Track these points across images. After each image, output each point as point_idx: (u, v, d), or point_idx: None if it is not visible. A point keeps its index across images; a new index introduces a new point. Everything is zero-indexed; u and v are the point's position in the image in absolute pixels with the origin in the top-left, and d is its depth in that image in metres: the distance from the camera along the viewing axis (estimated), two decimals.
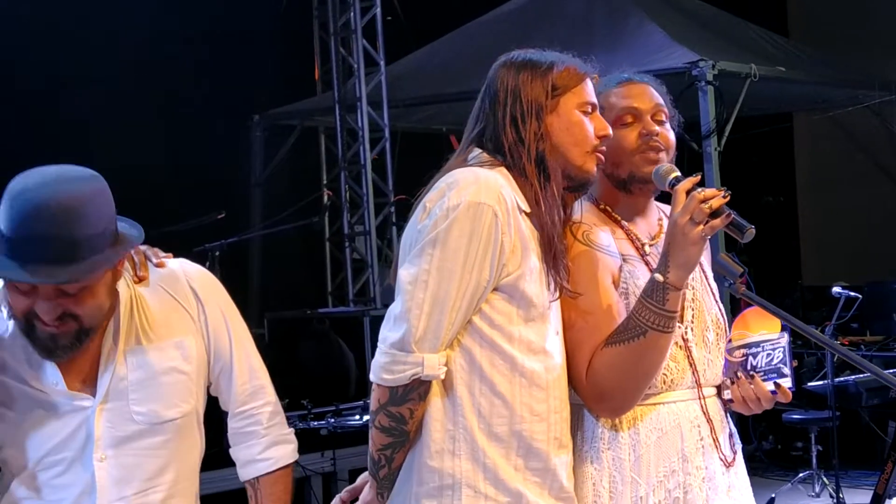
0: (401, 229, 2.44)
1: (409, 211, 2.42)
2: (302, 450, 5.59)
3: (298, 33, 9.51)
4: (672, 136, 2.57)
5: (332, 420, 5.82)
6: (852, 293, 6.80)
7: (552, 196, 2.37)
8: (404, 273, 2.30)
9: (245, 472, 2.47)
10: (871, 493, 5.38)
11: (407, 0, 9.26)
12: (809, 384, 6.80)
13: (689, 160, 7.36)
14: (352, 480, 2.56)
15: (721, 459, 2.51)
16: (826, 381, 6.58)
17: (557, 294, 2.38)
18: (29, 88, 7.52)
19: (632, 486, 2.42)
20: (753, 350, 2.53)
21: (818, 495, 6.89)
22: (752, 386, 2.50)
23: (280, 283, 9.14)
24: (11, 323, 2.26)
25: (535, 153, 2.37)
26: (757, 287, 7.92)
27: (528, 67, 2.41)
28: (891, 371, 7.13)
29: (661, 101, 2.58)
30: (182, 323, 2.35)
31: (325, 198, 9.35)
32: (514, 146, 2.38)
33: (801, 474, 7.17)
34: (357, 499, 2.49)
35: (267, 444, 2.45)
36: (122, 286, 2.29)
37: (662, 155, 2.53)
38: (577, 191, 2.47)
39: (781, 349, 2.51)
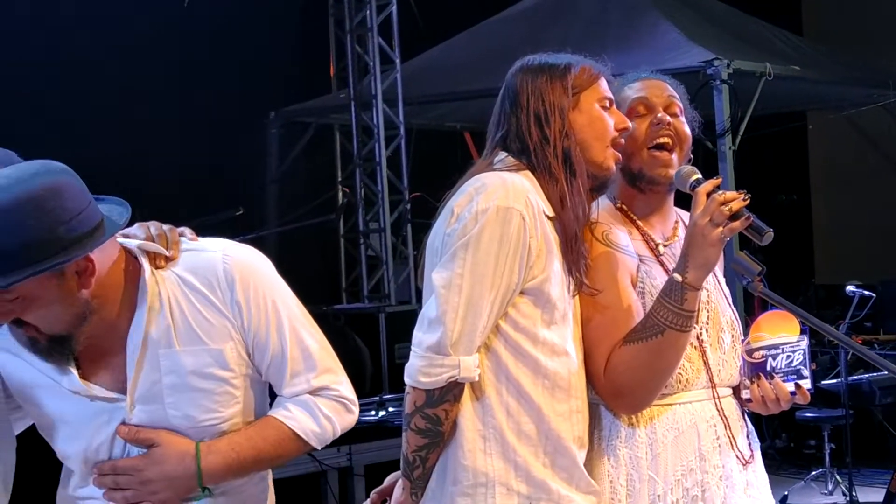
0: (415, 226, 2.47)
1: (423, 208, 2.46)
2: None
3: (314, 31, 9.52)
4: (687, 129, 2.60)
5: None
6: (866, 292, 6.81)
7: (578, 192, 2.41)
8: (437, 277, 2.34)
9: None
10: (885, 491, 5.40)
11: None
12: (823, 382, 6.81)
13: (703, 159, 7.39)
14: (367, 475, 2.56)
15: (738, 458, 2.54)
16: (840, 380, 6.59)
17: (576, 292, 2.42)
18: (43, 84, 7.54)
19: (649, 484, 2.45)
20: (773, 352, 2.55)
21: (831, 493, 6.90)
22: (772, 387, 2.53)
23: (295, 279, 9.06)
24: None
25: (561, 150, 2.42)
26: (770, 285, 7.96)
27: (547, 70, 2.47)
28: None
29: (675, 95, 2.62)
30: (220, 328, 2.21)
31: (341, 195, 9.37)
32: (540, 145, 2.43)
33: (814, 472, 7.19)
34: (386, 500, 2.52)
35: (300, 404, 2.27)
36: (151, 284, 2.19)
37: (673, 156, 2.56)
38: (597, 191, 2.52)
39: (801, 351, 2.54)
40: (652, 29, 8.27)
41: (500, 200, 2.32)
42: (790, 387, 2.53)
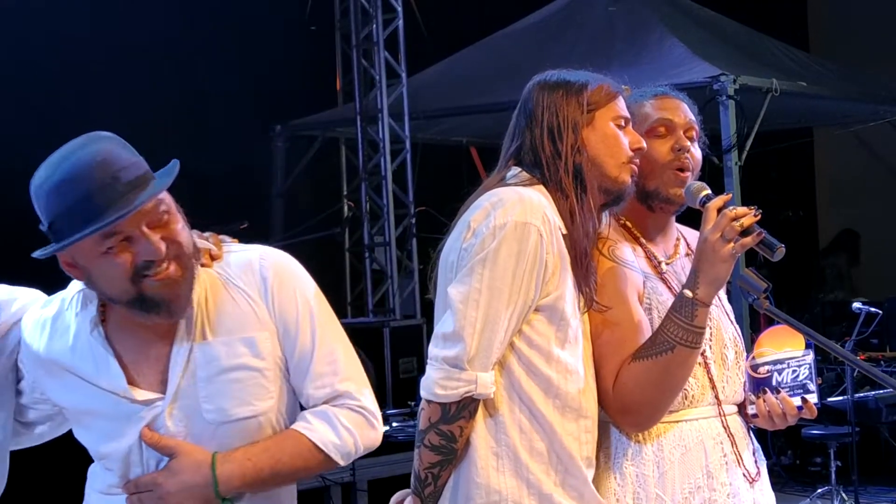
0: (421, 240, 2.47)
1: (429, 222, 2.45)
2: None
3: (320, 45, 9.54)
4: (700, 156, 2.61)
5: None
6: (872, 308, 6.79)
7: (588, 209, 2.42)
8: (455, 292, 2.33)
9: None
10: None
11: (429, 12, 9.29)
12: (829, 399, 6.79)
13: (709, 174, 7.38)
14: (371, 491, 2.55)
15: (745, 475, 2.53)
16: (846, 397, 6.57)
17: (585, 308, 2.42)
18: (47, 93, 7.54)
19: (657, 502, 2.44)
20: (779, 367, 2.54)
21: None
22: (778, 402, 2.52)
23: None
24: (76, 322, 2.25)
25: (572, 166, 2.42)
26: (776, 302, 7.94)
27: (563, 86, 2.48)
28: None
29: (693, 119, 2.62)
30: (253, 317, 2.23)
31: (346, 209, 9.38)
32: (552, 159, 2.43)
33: (819, 490, 7.16)
34: None
35: (319, 415, 2.25)
36: (196, 280, 2.21)
37: (689, 175, 2.56)
38: (613, 205, 2.52)
39: (807, 366, 2.54)
40: (658, 44, 8.28)
41: (517, 216, 2.32)
42: (797, 401, 2.52)
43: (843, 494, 6.82)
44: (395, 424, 6.06)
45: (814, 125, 10.80)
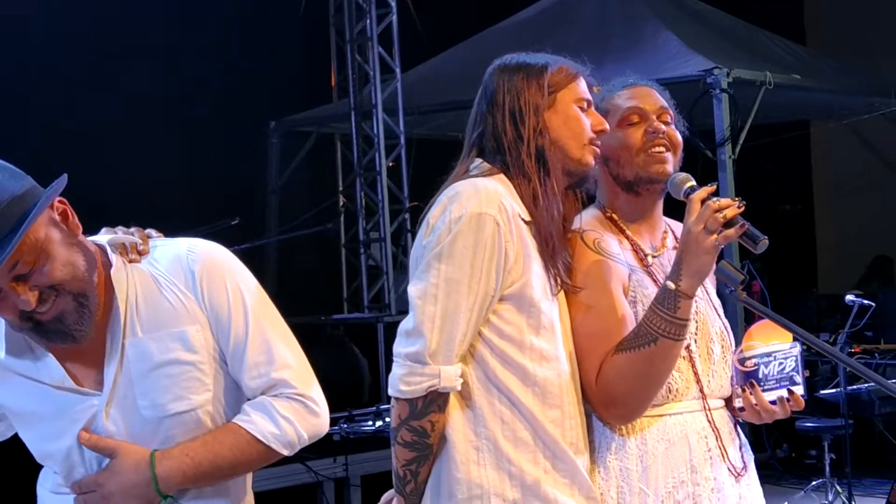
0: (416, 236, 2.47)
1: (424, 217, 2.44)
2: (314, 455, 5.63)
3: (315, 40, 9.55)
4: (679, 136, 2.60)
5: (345, 425, 5.84)
6: (866, 301, 6.78)
7: (552, 191, 2.41)
8: (413, 289, 2.34)
9: None
10: (885, 501, 5.38)
11: (423, 8, 9.29)
12: (822, 392, 6.78)
13: (703, 168, 7.38)
14: (364, 486, 2.55)
15: (730, 470, 2.52)
16: (839, 389, 6.56)
17: (558, 290, 2.41)
18: (44, 94, 7.56)
19: (640, 497, 2.43)
20: (765, 360, 2.53)
21: (831, 503, 6.87)
22: (763, 394, 2.51)
23: (296, 289, 9.16)
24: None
25: (534, 149, 2.41)
26: (772, 295, 7.94)
27: (523, 69, 2.47)
28: None
29: (666, 104, 2.62)
30: (183, 311, 2.21)
31: (341, 204, 9.39)
32: (514, 143, 2.42)
33: (814, 482, 7.16)
34: None
35: (256, 407, 2.24)
36: (121, 276, 2.21)
37: (668, 155, 2.56)
38: (577, 186, 2.51)
39: (793, 358, 2.52)
40: (652, 38, 8.28)
41: (473, 207, 2.31)
42: (783, 393, 2.51)
43: (838, 487, 6.82)
44: (388, 419, 6.05)
45: (809, 118, 10.80)
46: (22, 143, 6.80)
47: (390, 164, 8.85)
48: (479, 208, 2.31)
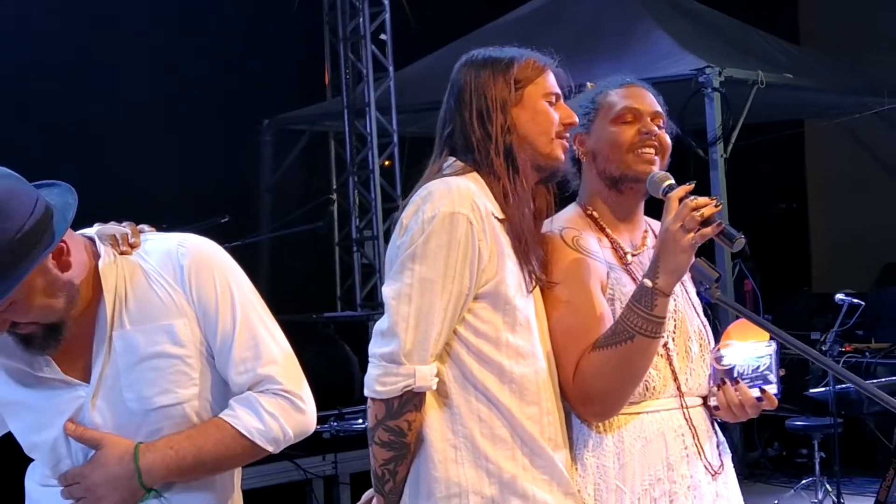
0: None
1: None
2: (304, 453, 5.63)
3: (308, 38, 9.55)
4: (668, 140, 2.61)
5: (335, 423, 5.86)
6: (855, 300, 6.79)
7: (521, 189, 2.42)
8: (388, 290, 2.34)
9: None
10: (874, 499, 5.38)
11: (417, 6, 9.29)
12: (812, 391, 6.79)
13: (695, 167, 7.39)
14: (353, 484, 2.55)
15: (706, 468, 2.53)
16: (828, 388, 6.58)
17: (533, 287, 2.42)
18: (40, 93, 7.56)
19: (616, 494, 2.44)
20: (741, 358, 2.54)
21: (821, 502, 6.87)
22: (737, 392, 2.52)
23: (290, 287, 9.17)
24: None
25: (502, 146, 2.42)
26: (764, 294, 7.94)
27: (490, 65, 2.47)
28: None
29: (659, 108, 2.63)
30: (171, 304, 2.22)
31: (332, 202, 9.39)
32: (482, 142, 2.43)
33: (804, 481, 7.17)
34: None
35: (242, 402, 2.24)
36: (111, 268, 2.23)
37: (656, 157, 2.57)
38: (548, 181, 2.52)
39: (768, 357, 2.53)
40: (645, 36, 8.28)
41: (445, 207, 2.32)
42: (755, 392, 2.52)
43: (827, 485, 6.82)
44: None
45: (803, 117, 10.81)
46: (18, 141, 6.81)
47: (384, 163, 8.86)
48: (452, 207, 2.31)
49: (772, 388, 2.52)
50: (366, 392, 2.36)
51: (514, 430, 2.35)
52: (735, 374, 2.53)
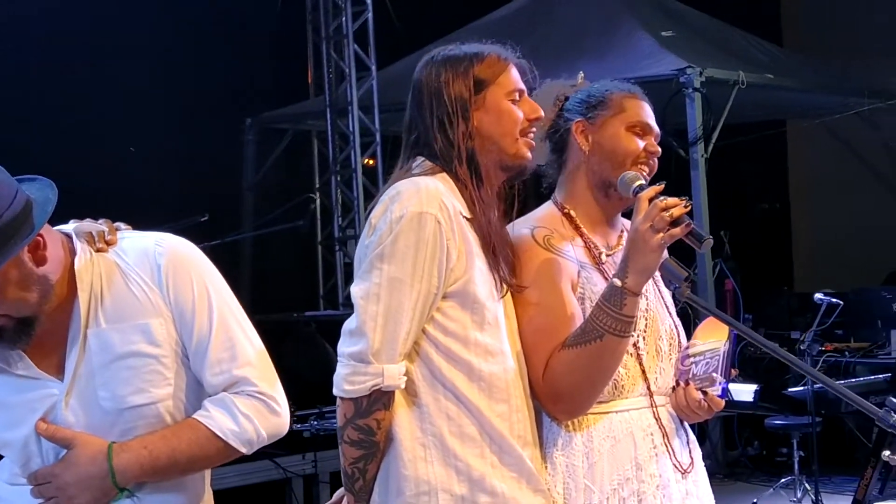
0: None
1: None
2: (284, 452, 5.62)
3: (292, 37, 9.54)
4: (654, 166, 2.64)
5: (315, 422, 5.85)
6: (834, 300, 6.82)
7: (487, 195, 2.42)
8: (356, 289, 2.34)
9: None
10: (852, 498, 5.40)
11: (400, 5, 9.30)
12: (790, 390, 6.82)
13: (676, 167, 7.41)
14: (333, 482, 2.54)
15: (676, 467, 2.54)
16: (807, 387, 6.60)
17: (505, 290, 2.42)
18: (12, 86, 7.53)
19: (585, 493, 2.45)
20: (697, 359, 2.56)
21: (800, 501, 6.90)
22: (684, 394, 2.53)
23: (273, 286, 9.17)
24: None
25: (465, 154, 2.41)
26: (745, 293, 7.95)
27: (450, 66, 2.44)
28: (876, 377, 7.15)
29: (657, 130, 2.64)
30: (147, 304, 2.21)
31: (315, 201, 9.39)
32: (445, 150, 2.42)
33: (783, 480, 7.20)
34: None
35: (217, 403, 2.24)
36: (87, 265, 2.22)
37: (647, 179, 2.58)
38: (516, 179, 2.51)
39: (717, 357, 2.53)
40: (627, 37, 8.30)
41: (413, 206, 2.32)
42: (699, 394, 2.53)
43: (807, 484, 6.85)
44: None
45: (785, 117, 10.84)
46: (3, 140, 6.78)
47: (366, 162, 8.86)
48: (420, 207, 2.31)
49: (715, 390, 2.52)
50: (335, 391, 2.36)
51: (482, 428, 2.36)
52: (691, 376, 2.55)
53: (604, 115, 2.60)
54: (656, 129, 2.62)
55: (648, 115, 2.61)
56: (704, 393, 2.53)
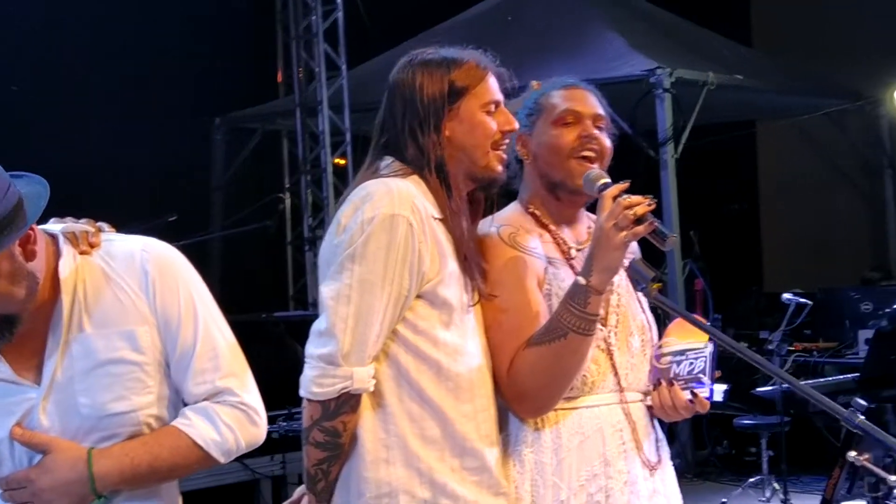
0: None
1: None
2: (252, 453, 5.60)
3: (261, 36, 9.52)
4: (608, 144, 2.60)
5: (284, 423, 5.83)
6: (802, 300, 6.86)
7: (456, 205, 2.40)
8: (326, 290, 2.32)
9: None
10: (821, 497, 5.42)
11: (370, 4, 9.28)
12: (759, 389, 6.83)
13: (645, 167, 7.43)
14: (301, 484, 2.52)
15: (644, 463, 2.53)
16: (776, 387, 6.63)
17: (477, 297, 2.41)
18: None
19: (553, 490, 2.44)
20: (678, 358, 2.55)
21: (768, 500, 6.93)
22: (670, 394, 2.52)
23: (242, 286, 9.13)
24: None
25: (434, 162, 2.39)
26: (715, 293, 7.97)
27: (426, 70, 2.42)
28: (845, 377, 7.18)
29: (601, 110, 2.61)
30: (133, 310, 2.18)
31: (283, 201, 9.36)
32: (416, 157, 2.40)
33: (752, 479, 7.22)
34: None
35: (199, 412, 2.22)
36: (71, 268, 2.18)
37: (596, 164, 2.56)
38: (486, 190, 2.50)
39: (703, 359, 2.53)
40: (596, 38, 8.33)
41: (385, 208, 2.29)
42: (687, 395, 2.52)
43: (775, 484, 6.88)
44: None
45: (755, 118, 10.90)
46: None
47: (336, 162, 8.83)
48: (392, 209, 2.29)
49: (703, 392, 2.52)
50: (301, 392, 2.34)
51: (444, 431, 2.34)
52: (671, 375, 2.54)
53: (536, 122, 2.60)
54: (593, 109, 2.59)
55: (577, 99, 2.59)
56: (694, 394, 2.52)
